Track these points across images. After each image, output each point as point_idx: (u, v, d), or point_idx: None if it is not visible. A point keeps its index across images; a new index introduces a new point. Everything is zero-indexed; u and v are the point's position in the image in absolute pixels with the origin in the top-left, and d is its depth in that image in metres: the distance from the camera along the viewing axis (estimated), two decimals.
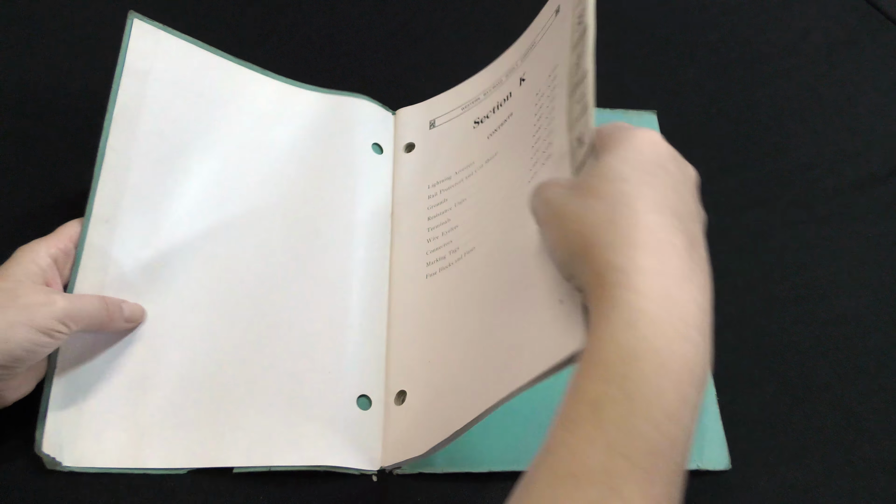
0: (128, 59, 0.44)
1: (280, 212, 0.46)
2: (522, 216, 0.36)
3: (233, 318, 0.43)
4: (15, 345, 0.34)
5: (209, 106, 0.47)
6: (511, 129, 0.44)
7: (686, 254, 0.26)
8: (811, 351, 0.47)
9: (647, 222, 0.26)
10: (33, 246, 0.38)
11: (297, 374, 0.41)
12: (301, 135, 0.49)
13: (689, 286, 0.25)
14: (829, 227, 0.53)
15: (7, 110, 0.51)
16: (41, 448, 0.37)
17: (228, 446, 0.39)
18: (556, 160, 0.36)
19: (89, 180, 0.42)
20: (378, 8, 0.62)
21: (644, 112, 0.57)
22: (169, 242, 0.43)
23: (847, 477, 0.43)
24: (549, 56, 0.40)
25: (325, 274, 0.45)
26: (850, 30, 0.65)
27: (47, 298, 0.35)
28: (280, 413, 0.40)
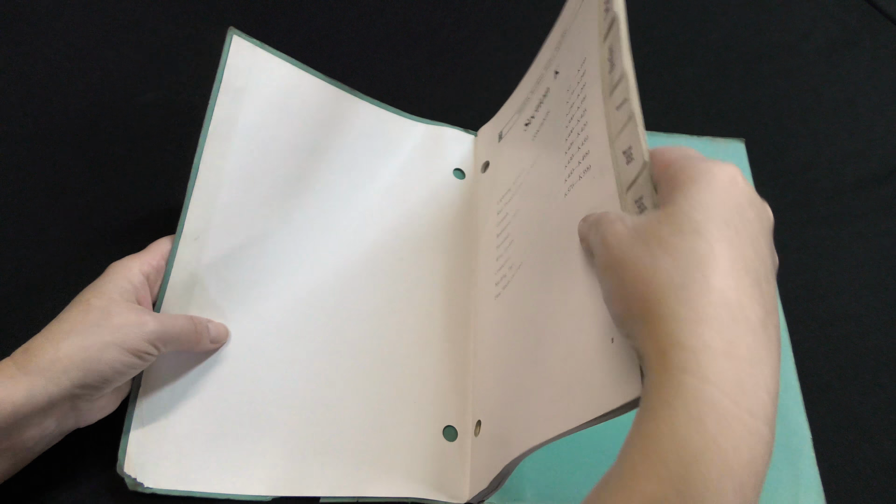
0: (225, 75, 0.43)
1: (367, 240, 0.46)
2: (560, 236, 0.34)
3: (317, 344, 0.42)
4: (106, 366, 0.33)
5: (302, 127, 0.46)
6: (548, 129, 0.42)
7: (761, 329, 0.23)
8: (811, 351, 0.47)
9: (722, 292, 0.23)
10: (126, 262, 0.38)
11: (384, 402, 0.41)
12: (390, 163, 0.49)
13: (761, 370, 0.22)
14: (829, 227, 0.53)
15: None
16: (123, 468, 0.37)
17: (315, 475, 0.39)
18: (596, 174, 0.32)
19: (177, 196, 0.41)
20: (378, 8, 0.62)
21: (731, 140, 0.54)
22: (256, 264, 0.43)
23: (847, 477, 0.43)
24: (578, 46, 0.37)
25: (410, 301, 0.45)
26: (850, 30, 0.65)
27: (139, 319, 0.35)
28: (367, 442, 0.40)
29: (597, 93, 0.33)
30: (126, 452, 0.37)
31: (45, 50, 0.55)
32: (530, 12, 0.64)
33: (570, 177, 0.36)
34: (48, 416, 0.33)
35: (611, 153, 0.31)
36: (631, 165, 0.29)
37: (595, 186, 0.32)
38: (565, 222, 0.35)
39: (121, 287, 0.36)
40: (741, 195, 0.25)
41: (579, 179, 0.35)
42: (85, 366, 0.33)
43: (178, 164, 0.44)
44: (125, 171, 0.50)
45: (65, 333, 0.33)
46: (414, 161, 0.50)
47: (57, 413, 0.34)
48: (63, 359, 0.32)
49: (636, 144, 0.28)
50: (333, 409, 0.41)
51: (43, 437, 0.34)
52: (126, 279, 0.36)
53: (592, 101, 0.34)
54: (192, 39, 0.58)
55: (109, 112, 0.53)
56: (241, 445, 0.39)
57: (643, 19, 0.64)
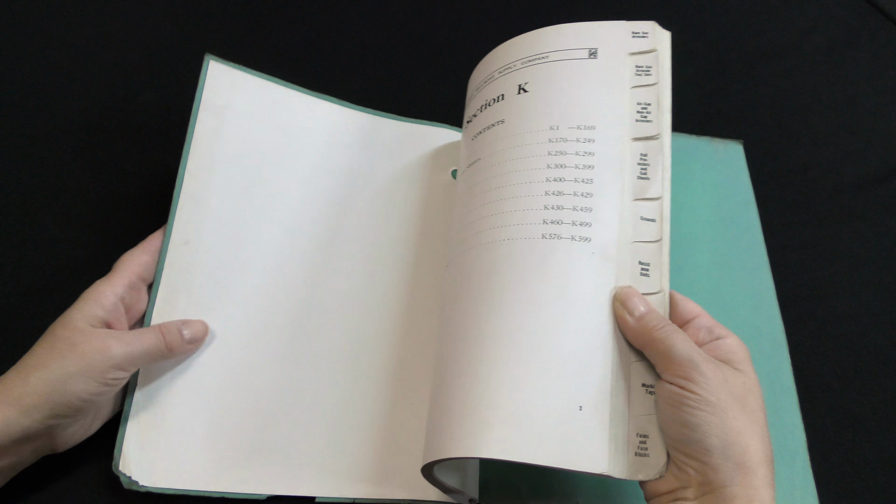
0: (204, 96, 0.45)
1: (358, 236, 0.46)
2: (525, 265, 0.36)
3: (314, 342, 0.43)
4: (73, 396, 0.34)
5: (288, 136, 0.48)
6: (500, 139, 0.41)
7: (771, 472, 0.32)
8: (810, 351, 0.47)
9: (767, 478, 0.31)
10: (97, 287, 0.38)
11: (385, 404, 0.41)
12: (381, 164, 0.50)
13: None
14: (829, 227, 0.53)
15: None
16: (118, 467, 0.37)
17: (311, 474, 0.39)
18: (600, 258, 0.36)
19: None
20: (378, 9, 0.62)
21: (729, 141, 0.55)
22: (249, 266, 0.43)
23: (847, 477, 0.43)
24: (581, 100, 0.40)
25: (411, 301, 0.45)
26: (850, 30, 0.65)
27: (103, 345, 0.35)
28: (365, 445, 0.40)
29: (615, 178, 0.38)
30: (121, 451, 0.38)
31: (45, 50, 0.55)
32: (531, 12, 0.64)
33: (557, 227, 0.37)
34: (23, 444, 0.34)
35: (630, 252, 0.37)
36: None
37: (595, 266, 0.36)
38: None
39: (88, 314, 0.36)
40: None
41: (574, 245, 0.37)
42: (52, 399, 0.33)
43: (177, 165, 0.44)
44: (125, 171, 0.50)
45: (32, 368, 0.34)
46: (409, 163, 0.50)
47: (33, 442, 0.35)
48: (31, 394, 0.33)
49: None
50: (333, 408, 0.41)
51: (20, 463, 0.36)
52: (96, 304, 0.37)
53: (613, 186, 0.38)
54: (192, 39, 0.58)
55: (109, 112, 0.53)
56: (236, 443, 0.39)
57: (643, 19, 0.64)
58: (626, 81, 0.41)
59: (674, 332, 0.33)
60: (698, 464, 0.30)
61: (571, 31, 0.43)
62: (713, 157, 0.54)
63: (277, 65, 0.53)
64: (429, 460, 0.34)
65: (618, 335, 0.35)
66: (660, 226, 0.37)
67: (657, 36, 0.42)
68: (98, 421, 0.38)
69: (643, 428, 0.33)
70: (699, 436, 0.30)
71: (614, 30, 0.43)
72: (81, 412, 0.35)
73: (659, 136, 0.39)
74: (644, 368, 0.34)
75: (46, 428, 0.34)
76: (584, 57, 0.42)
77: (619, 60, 0.41)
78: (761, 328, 0.46)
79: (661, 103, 0.40)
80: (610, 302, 0.35)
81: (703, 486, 0.30)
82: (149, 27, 0.58)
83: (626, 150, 0.39)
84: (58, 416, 0.34)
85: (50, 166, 0.50)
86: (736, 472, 0.30)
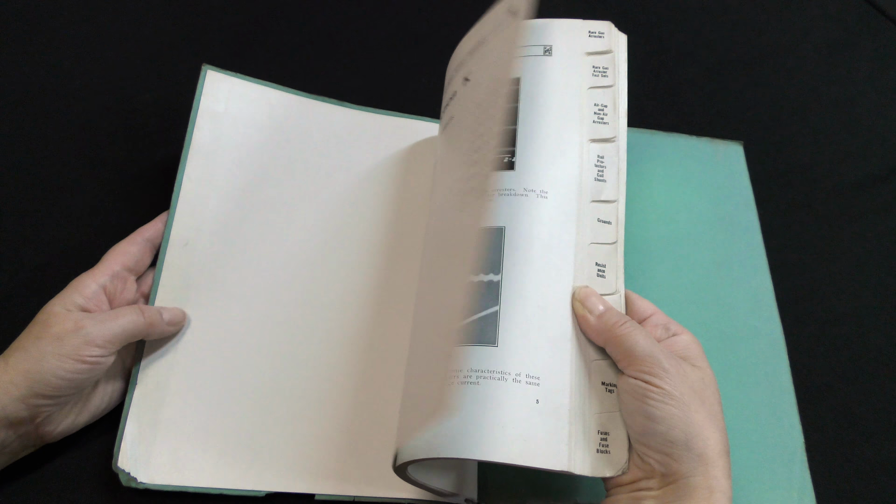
0: (202, 103, 0.46)
1: (358, 232, 0.47)
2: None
3: (313, 340, 0.43)
4: (49, 374, 0.34)
5: (286, 138, 0.48)
6: (453, 136, 0.41)
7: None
8: (810, 351, 0.47)
9: (727, 470, 0.32)
10: (79, 277, 0.39)
11: (383, 403, 0.41)
12: (380, 162, 0.50)
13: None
14: (829, 227, 0.53)
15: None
16: (117, 464, 0.38)
17: (310, 472, 0.39)
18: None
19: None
20: (378, 9, 0.62)
21: (730, 142, 0.55)
22: (248, 266, 0.44)
23: (847, 477, 0.43)
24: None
25: (401, 298, 0.45)
26: (850, 30, 0.65)
27: (76, 324, 0.36)
28: (364, 443, 0.40)
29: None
30: (121, 448, 0.38)
31: (45, 50, 0.55)
32: None
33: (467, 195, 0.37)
34: (7, 428, 0.35)
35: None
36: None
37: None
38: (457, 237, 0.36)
39: (66, 301, 0.37)
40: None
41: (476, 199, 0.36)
42: (29, 376, 0.34)
43: (177, 165, 0.44)
44: (125, 171, 0.50)
45: (13, 350, 0.35)
46: (401, 154, 0.50)
47: (17, 427, 0.35)
48: (10, 371, 0.34)
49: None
50: (332, 406, 0.41)
51: (7, 449, 0.36)
52: (75, 292, 0.38)
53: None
54: (192, 40, 0.58)
55: (109, 112, 0.53)
56: (235, 440, 0.39)
57: (643, 19, 0.64)
58: (584, 81, 0.41)
59: (635, 328, 0.34)
60: (661, 455, 0.32)
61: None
62: (713, 157, 0.54)
63: (276, 65, 0.53)
64: (397, 463, 0.34)
65: (577, 334, 0.35)
66: (615, 228, 0.38)
67: (613, 37, 0.43)
68: (86, 413, 0.38)
69: (604, 425, 0.34)
70: (663, 428, 0.31)
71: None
72: (62, 393, 0.35)
73: (615, 138, 0.40)
74: (604, 367, 0.35)
75: (28, 409, 0.35)
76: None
77: (576, 59, 0.41)
78: (760, 329, 0.46)
79: (618, 106, 0.41)
80: (569, 301, 0.36)
81: (666, 477, 0.31)
82: (149, 27, 0.58)
83: (586, 150, 0.39)
84: (38, 396, 0.35)
85: (50, 166, 0.50)
86: (697, 462, 0.31)
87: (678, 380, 0.32)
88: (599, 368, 0.35)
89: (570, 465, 0.32)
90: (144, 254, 0.42)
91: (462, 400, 0.33)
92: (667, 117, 0.57)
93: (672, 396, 0.32)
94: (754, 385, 0.44)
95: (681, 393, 0.32)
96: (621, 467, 0.33)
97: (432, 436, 0.32)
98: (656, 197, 0.51)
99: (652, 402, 0.32)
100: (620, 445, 0.33)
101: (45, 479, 0.39)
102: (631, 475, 0.33)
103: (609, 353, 0.35)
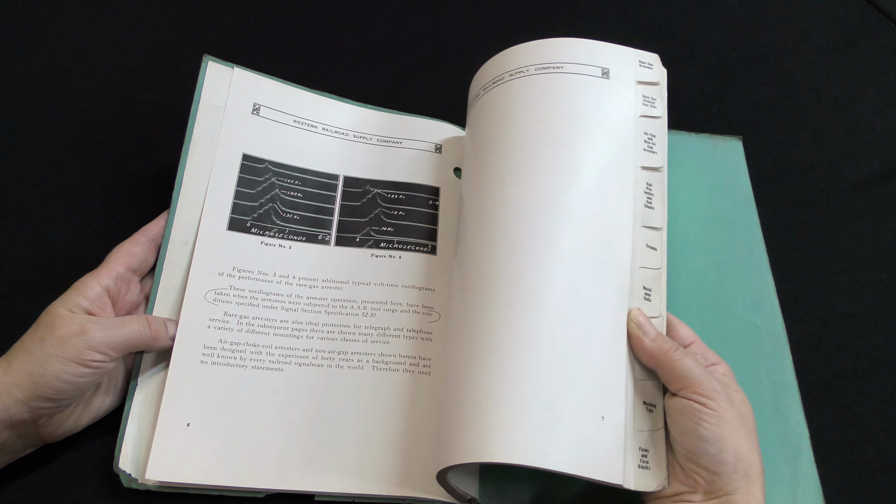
0: (203, 96, 0.46)
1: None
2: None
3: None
4: (52, 376, 0.34)
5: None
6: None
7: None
8: (811, 351, 0.47)
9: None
10: (83, 279, 0.39)
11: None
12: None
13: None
14: (829, 227, 0.53)
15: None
16: (118, 465, 0.37)
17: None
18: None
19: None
20: (378, 9, 0.62)
21: (729, 138, 0.55)
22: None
23: (848, 477, 0.43)
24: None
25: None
26: (850, 30, 0.65)
27: (81, 328, 0.36)
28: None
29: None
30: (122, 448, 0.38)
31: (45, 50, 0.55)
32: (531, 12, 0.64)
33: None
34: (9, 429, 0.35)
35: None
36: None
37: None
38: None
39: (70, 302, 0.37)
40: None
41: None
42: (32, 379, 0.34)
43: (177, 164, 0.44)
44: (125, 170, 0.50)
45: (16, 351, 0.35)
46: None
47: (18, 427, 0.35)
48: (13, 373, 0.34)
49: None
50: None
51: (9, 448, 0.36)
52: (79, 294, 0.38)
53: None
54: (192, 39, 0.58)
55: (109, 112, 0.53)
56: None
57: (643, 19, 0.64)
58: (636, 109, 0.42)
59: (686, 353, 0.36)
60: (709, 474, 0.33)
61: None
62: (712, 154, 0.53)
63: (277, 64, 0.53)
64: (455, 462, 0.34)
65: (630, 354, 0.37)
66: (660, 255, 0.40)
67: (659, 70, 0.44)
68: (88, 414, 0.38)
69: (644, 443, 0.35)
70: (715, 450, 0.33)
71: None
72: (65, 396, 0.35)
73: (662, 168, 0.41)
74: (648, 387, 0.37)
75: (30, 412, 0.35)
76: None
77: (630, 86, 0.43)
78: (761, 326, 0.46)
79: (663, 138, 0.42)
80: (625, 322, 0.37)
81: (710, 493, 0.33)
82: (149, 27, 0.58)
83: (638, 177, 0.40)
84: (40, 398, 0.34)
85: (50, 165, 0.50)
86: (742, 482, 0.33)
87: (727, 404, 0.34)
88: (643, 388, 0.37)
89: (625, 479, 0.34)
90: (148, 254, 0.42)
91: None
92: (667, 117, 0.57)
93: (724, 419, 0.34)
94: (757, 383, 0.44)
95: (731, 417, 0.34)
96: (661, 483, 0.35)
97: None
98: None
99: (705, 423, 0.33)
100: (660, 462, 0.35)
101: (47, 480, 0.39)
102: (673, 488, 0.35)
103: (660, 375, 0.36)
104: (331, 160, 0.49)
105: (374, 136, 0.50)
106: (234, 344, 0.41)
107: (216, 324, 0.41)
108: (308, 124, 0.49)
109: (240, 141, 0.46)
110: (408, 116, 0.52)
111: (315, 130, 0.49)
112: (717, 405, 0.34)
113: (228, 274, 0.43)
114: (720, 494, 0.33)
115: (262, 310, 0.43)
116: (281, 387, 0.41)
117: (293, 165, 0.47)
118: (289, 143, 0.48)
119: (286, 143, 0.48)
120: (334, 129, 0.50)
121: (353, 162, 0.49)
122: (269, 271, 0.44)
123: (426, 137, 0.51)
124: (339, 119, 0.50)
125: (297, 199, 0.47)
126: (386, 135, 0.51)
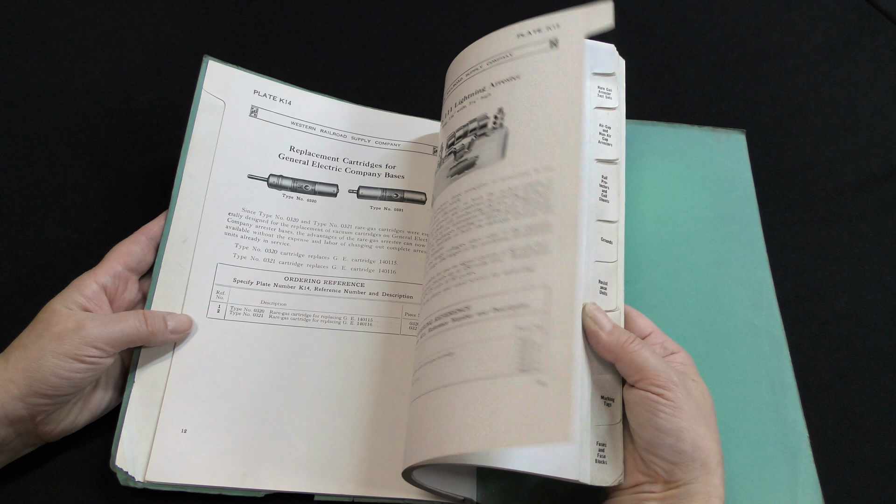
0: (203, 97, 0.46)
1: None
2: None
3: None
4: (48, 372, 0.34)
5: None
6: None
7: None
8: (811, 351, 0.47)
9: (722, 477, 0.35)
10: (81, 278, 0.39)
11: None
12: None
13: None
14: (829, 227, 0.53)
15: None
16: (115, 463, 0.37)
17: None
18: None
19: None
20: (378, 9, 0.62)
21: (731, 131, 0.54)
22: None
23: (847, 477, 0.43)
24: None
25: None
26: (850, 30, 0.65)
27: (77, 324, 0.36)
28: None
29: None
30: (119, 447, 0.38)
31: (45, 50, 0.55)
32: (532, 12, 0.64)
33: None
34: (7, 426, 0.35)
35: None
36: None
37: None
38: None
39: (67, 300, 0.37)
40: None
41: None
42: (28, 374, 0.34)
43: (177, 164, 0.44)
44: (125, 171, 0.50)
45: (13, 348, 0.36)
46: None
47: (16, 425, 0.35)
48: (10, 369, 0.34)
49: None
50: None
51: (7, 447, 0.36)
52: (77, 291, 0.38)
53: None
54: (192, 39, 0.58)
55: (109, 112, 0.53)
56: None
57: (643, 19, 0.64)
58: (591, 101, 0.41)
59: (643, 345, 0.36)
60: (667, 464, 0.34)
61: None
62: (714, 148, 0.53)
63: (277, 64, 0.53)
64: (411, 462, 0.34)
65: (587, 348, 0.36)
66: (616, 247, 0.39)
67: (614, 60, 0.43)
68: (86, 412, 0.38)
69: (602, 437, 0.35)
70: (673, 440, 0.34)
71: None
72: (61, 392, 0.35)
73: (618, 161, 0.41)
74: (605, 381, 0.36)
75: (27, 408, 0.35)
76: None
77: (584, 68, 0.40)
78: (760, 326, 0.46)
79: (620, 129, 0.42)
80: (580, 316, 0.36)
81: (669, 483, 0.34)
82: (149, 27, 0.58)
83: (592, 169, 0.40)
84: (37, 394, 0.35)
85: (50, 166, 0.50)
86: (700, 471, 0.34)
87: (684, 394, 0.34)
88: (601, 383, 0.36)
89: (581, 474, 0.34)
90: (147, 253, 0.42)
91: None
92: (667, 117, 0.57)
93: (681, 410, 0.34)
94: (756, 383, 0.44)
95: (688, 406, 0.34)
96: (617, 478, 0.35)
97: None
98: (656, 194, 0.50)
99: (662, 414, 0.34)
100: (617, 456, 0.35)
101: (44, 478, 0.39)
102: (634, 479, 0.35)
103: (618, 368, 0.36)
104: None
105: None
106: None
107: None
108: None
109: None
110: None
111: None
112: (675, 396, 0.34)
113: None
114: (679, 484, 0.34)
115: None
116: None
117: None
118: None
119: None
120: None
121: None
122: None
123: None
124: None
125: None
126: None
